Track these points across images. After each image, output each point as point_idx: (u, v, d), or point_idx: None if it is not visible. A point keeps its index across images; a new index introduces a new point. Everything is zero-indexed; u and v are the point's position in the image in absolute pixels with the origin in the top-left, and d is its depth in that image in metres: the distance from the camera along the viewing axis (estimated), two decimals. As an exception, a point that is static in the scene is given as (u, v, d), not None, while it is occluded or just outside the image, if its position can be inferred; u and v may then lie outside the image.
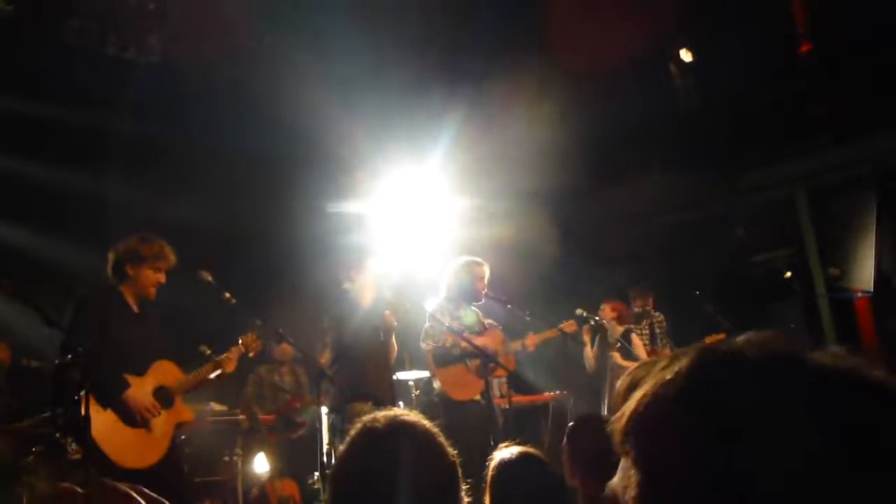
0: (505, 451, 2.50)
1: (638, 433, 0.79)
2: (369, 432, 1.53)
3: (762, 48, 7.64)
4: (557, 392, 7.55)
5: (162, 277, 4.59)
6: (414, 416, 1.57)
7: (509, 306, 6.02)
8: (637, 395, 0.80)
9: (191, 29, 7.10)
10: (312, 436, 5.73)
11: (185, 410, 4.57)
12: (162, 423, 4.33)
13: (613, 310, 7.18)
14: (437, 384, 5.79)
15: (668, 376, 0.78)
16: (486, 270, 5.89)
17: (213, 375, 4.64)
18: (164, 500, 3.56)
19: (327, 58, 7.37)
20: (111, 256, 4.57)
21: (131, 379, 4.31)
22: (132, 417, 4.25)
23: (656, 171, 8.60)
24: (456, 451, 1.58)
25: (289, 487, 5.90)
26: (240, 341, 4.76)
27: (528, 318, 6.04)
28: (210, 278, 4.68)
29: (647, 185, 8.52)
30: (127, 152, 7.42)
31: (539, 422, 7.73)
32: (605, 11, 7.00)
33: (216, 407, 7.19)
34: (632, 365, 6.79)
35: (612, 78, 7.51)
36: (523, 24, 7.43)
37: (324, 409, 5.42)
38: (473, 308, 5.97)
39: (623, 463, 0.83)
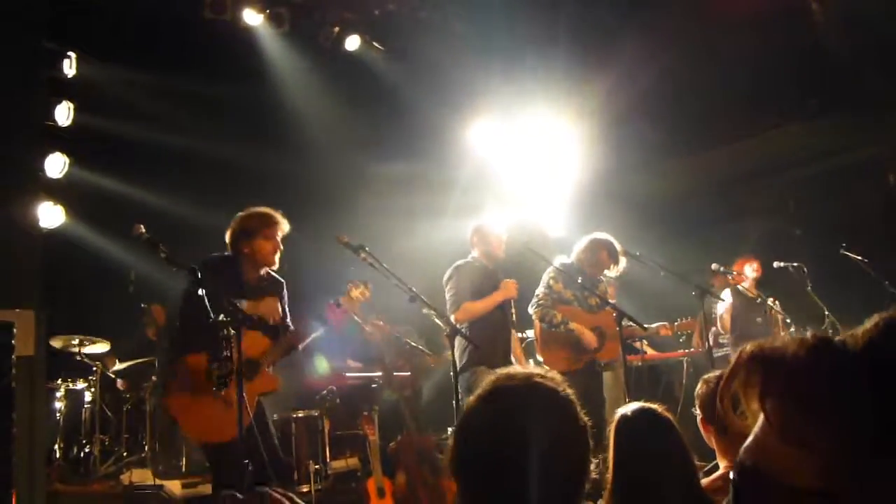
0: (625, 407, 2.50)
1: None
2: (504, 387, 1.47)
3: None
4: (692, 350, 7.37)
5: (278, 245, 4.53)
6: (551, 376, 1.50)
7: (645, 262, 5.89)
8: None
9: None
10: (449, 392, 5.80)
11: (271, 380, 4.41)
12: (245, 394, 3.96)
13: (755, 271, 6.76)
14: (540, 359, 5.82)
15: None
16: (617, 265, 5.82)
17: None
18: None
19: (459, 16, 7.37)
20: (228, 234, 4.54)
21: None
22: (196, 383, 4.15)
23: (798, 116, 8.04)
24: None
25: (425, 442, 6.04)
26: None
27: (662, 275, 5.88)
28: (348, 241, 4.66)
29: (789, 132, 8.00)
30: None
31: (672, 378, 7.61)
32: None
33: (352, 364, 7.45)
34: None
35: (750, 17, 7.03)
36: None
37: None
38: (603, 277, 5.94)
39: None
